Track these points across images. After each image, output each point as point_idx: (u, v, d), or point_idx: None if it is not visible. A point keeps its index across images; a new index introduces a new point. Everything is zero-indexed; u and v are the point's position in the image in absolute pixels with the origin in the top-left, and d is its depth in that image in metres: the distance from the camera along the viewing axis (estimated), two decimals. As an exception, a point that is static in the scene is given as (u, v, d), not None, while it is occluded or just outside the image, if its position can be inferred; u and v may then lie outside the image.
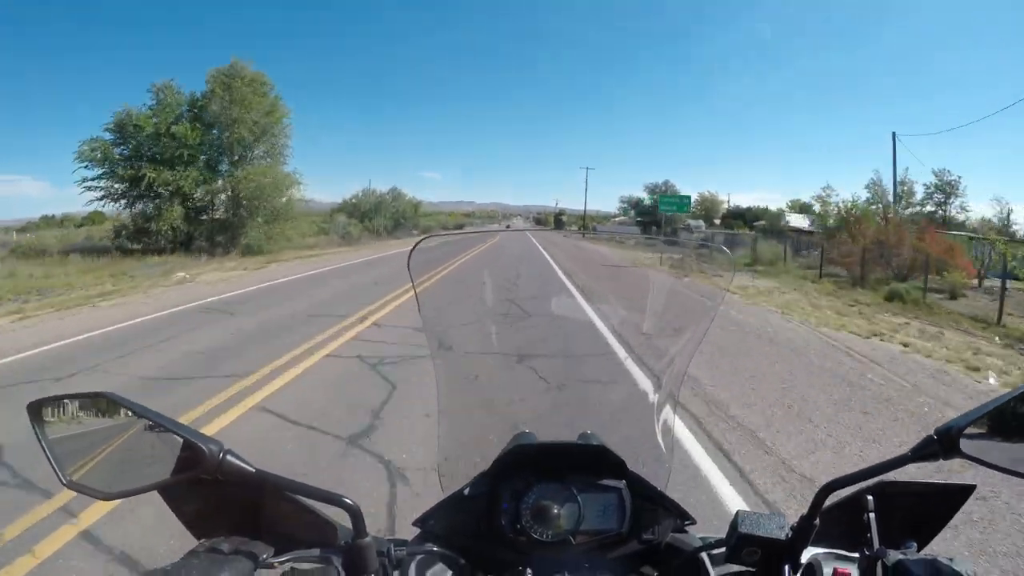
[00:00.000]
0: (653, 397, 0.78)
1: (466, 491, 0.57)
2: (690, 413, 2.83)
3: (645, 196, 38.25)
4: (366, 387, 3.13)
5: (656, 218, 29.46)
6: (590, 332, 1.36)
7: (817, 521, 0.44)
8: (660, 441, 0.74)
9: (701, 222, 36.19)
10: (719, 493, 1.99)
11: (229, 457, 0.40)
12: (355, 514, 0.41)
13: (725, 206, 39.74)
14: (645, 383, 0.84)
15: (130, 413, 0.42)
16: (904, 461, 0.43)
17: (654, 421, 0.75)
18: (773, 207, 35.55)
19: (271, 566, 0.40)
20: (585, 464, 0.58)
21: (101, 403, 0.43)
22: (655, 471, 0.64)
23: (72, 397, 0.44)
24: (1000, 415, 0.43)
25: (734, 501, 1.94)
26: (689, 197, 19.65)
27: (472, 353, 0.88)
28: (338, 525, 0.46)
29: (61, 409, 0.44)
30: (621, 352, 1.11)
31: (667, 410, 0.75)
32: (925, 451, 0.42)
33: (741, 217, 35.45)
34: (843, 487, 0.44)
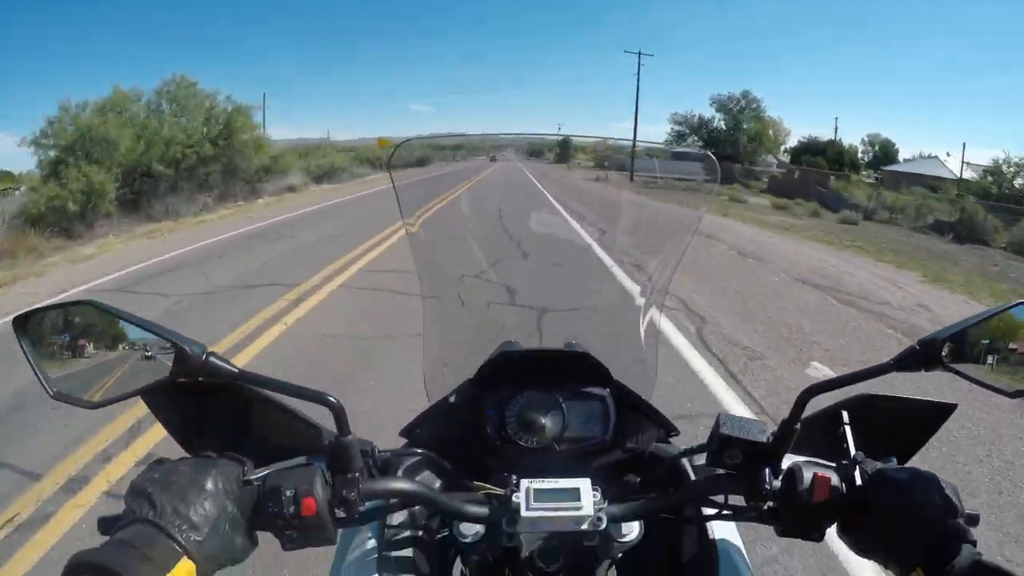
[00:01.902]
0: (638, 309, 0.84)
1: (451, 399, 0.63)
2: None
3: (714, 114, 30.55)
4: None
5: (735, 148, 27.08)
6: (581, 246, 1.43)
7: (798, 426, 0.49)
8: (645, 353, 0.80)
9: (771, 157, 30.93)
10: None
11: (212, 358, 0.43)
12: (338, 412, 0.44)
13: (789, 138, 33.00)
14: (630, 296, 0.91)
15: (115, 320, 0.45)
16: (886, 369, 0.47)
17: (639, 332, 0.81)
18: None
19: (255, 473, 0.44)
20: (570, 372, 0.64)
21: (85, 311, 0.46)
22: (640, 382, 0.70)
23: (56, 308, 0.47)
24: (982, 330, 0.47)
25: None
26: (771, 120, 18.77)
27: (458, 262, 0.94)
28: (323, 429, 0.51)
29: (45, 321, 0.47)
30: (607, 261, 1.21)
31: (652, 322, 0.82)
32: (907, 361, 0.46)
33: (820, 154, 28.51)
34: (824, 391, 0.48)
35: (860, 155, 32.82)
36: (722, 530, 0.59)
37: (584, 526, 0.48)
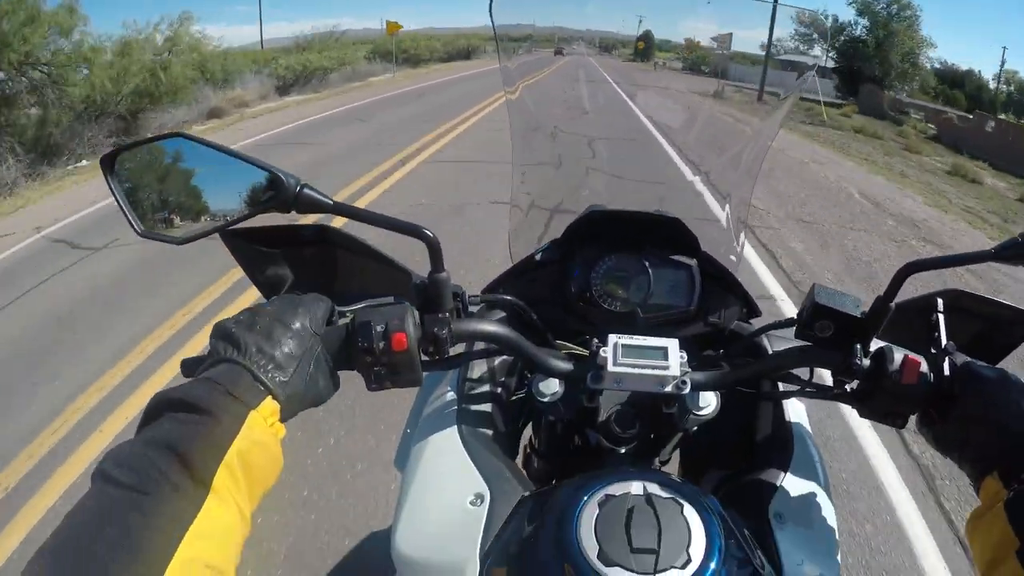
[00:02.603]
0: (725, 196, 0.83)
1: (537, 256, 0.65)
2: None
3: (855, 18, 22.90)
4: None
5: (884, 68, 20.92)
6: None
7: (893, 305, 0.46)
8: (732, 233, 0.79)
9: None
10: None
11: (306, 190, 0.42)
12: (434, 246, 0.44)
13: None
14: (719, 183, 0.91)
15: (206, 152, 0.44)
16: (985, 257, 0.44)
17: (726, 211, 0.81)
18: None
19: (344, 314, 0.45)
20: (659, 238, 0.63)
21: (176, 144, 0.46)
22: (726, 257, 0.70)
23: (146, 142, 0.47)
24: None
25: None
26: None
27: (554, 127, 0.93)
28: (413, 273, 0.51)
29: (135, 156, 0.48)
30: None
31: (739, 203, 0.80)
32: (1008, 252, 0.44)
33: (957, 87, 25.34)
34: (924, 269, 0.46)
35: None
36: (796, 413, 0.60)
37: (668, 388, 0.48)
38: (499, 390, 0.62)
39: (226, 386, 0.35)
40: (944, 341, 0.48)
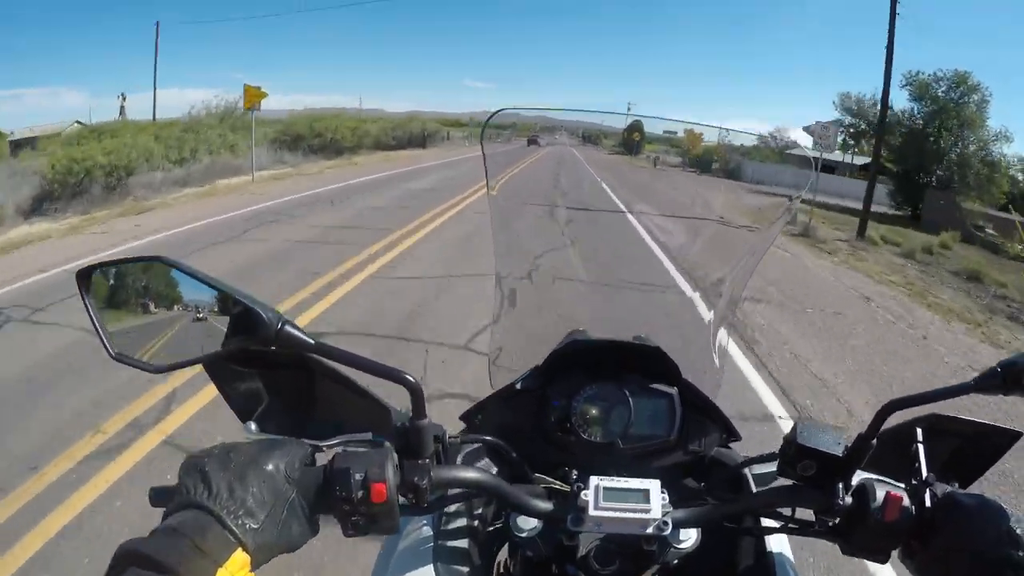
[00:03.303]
0: (708, 307, 1.10)
1: (518, 385, 0.86)
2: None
3: (909, 103, 23.66)
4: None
5: (954, 164, 21.58)
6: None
7: (875, 441, 0.66)
8: (713, 352, 1.04)
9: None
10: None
11: (287, 327, 0.57)
12: (416, 392, 0.59)
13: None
14: (700, 294, 1.20)
15: (186, 279, 0.59)
16: (967, 389, 0.65)
17: (708, 331, 1.06)
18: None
19: (321, 449, 0.59)
20: (639, 367, 0.86)
21: (155, 268, 0.62)
22: (706, 382, 0.93)
23: (124, 262, 0.63)
24: None
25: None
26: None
27: (535, 249, 1.26)
28: (392, 409, 0.69)
29: (112, 275, 0.63)
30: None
31: (722, 321, 1.06)
32: (988, 383, 0.65)
33: None
34: (905, 407, 0.67)
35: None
36: (778, 544, 0.78)
37: (649, 530, 0.65)
38: (476, 523, 0.79)
39: (193, 538, 0.44)
40: (924, 472, 0.67)
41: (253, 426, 0.65)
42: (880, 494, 0.64)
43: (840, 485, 0.67)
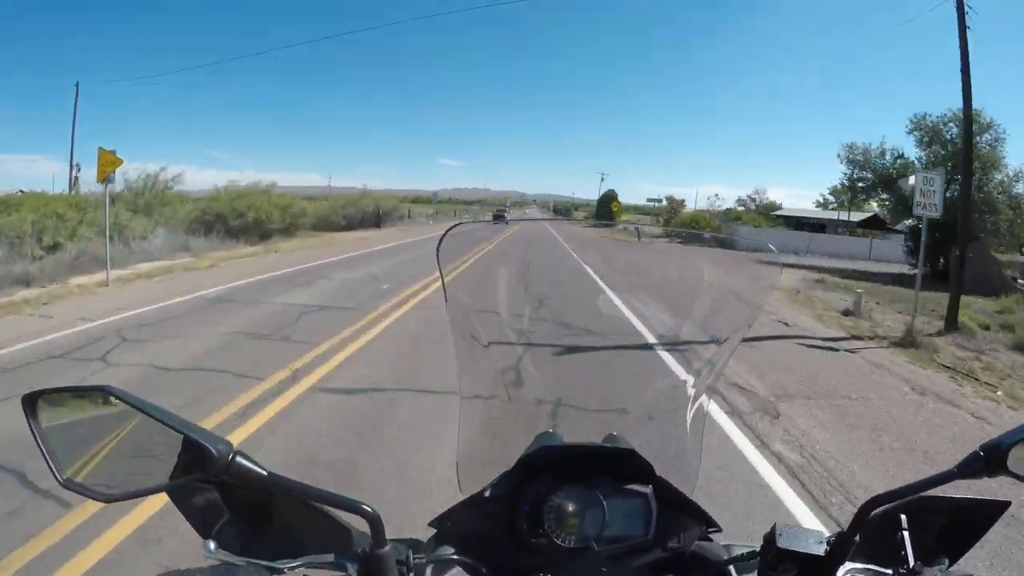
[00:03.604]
0: (684, 399, 1.20)
1: (487, 492, 0.94)
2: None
3: (918, 150, 25.52)
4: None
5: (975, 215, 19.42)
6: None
7: (858, 537, 0.76)
8: (689, 444, 1.15)
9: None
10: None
11: (239, 459, 0.66)
12: (374, 521, 0.68)
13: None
14: (676, 385, 1.31)
15: (133, 409, 0.68)
16: (950, 477, 0.76)
17: (684, 424, 1.17)
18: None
19: (281, 572, 0.67)
20: (611, 467, 0.95)
21: (102, 397, 0.71)
22: (682, 475, 1.03)
23: (71, 390, 0.73)
24: None
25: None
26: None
27: (499, 348, 1.37)
28: (353, 530, 0.78)
29: (59, 403, 0.72)
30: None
31: (698, 412, 1.17)
32: (971, 468, 0.76)
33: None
34: (887, 502, 0.78)
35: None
36: None
37: None
38: None
39: None
40: (911, 560, 0.76)
41: (212, 545, 0.70)
42: None
43: None
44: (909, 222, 25.75)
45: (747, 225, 47.13)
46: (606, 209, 72.43)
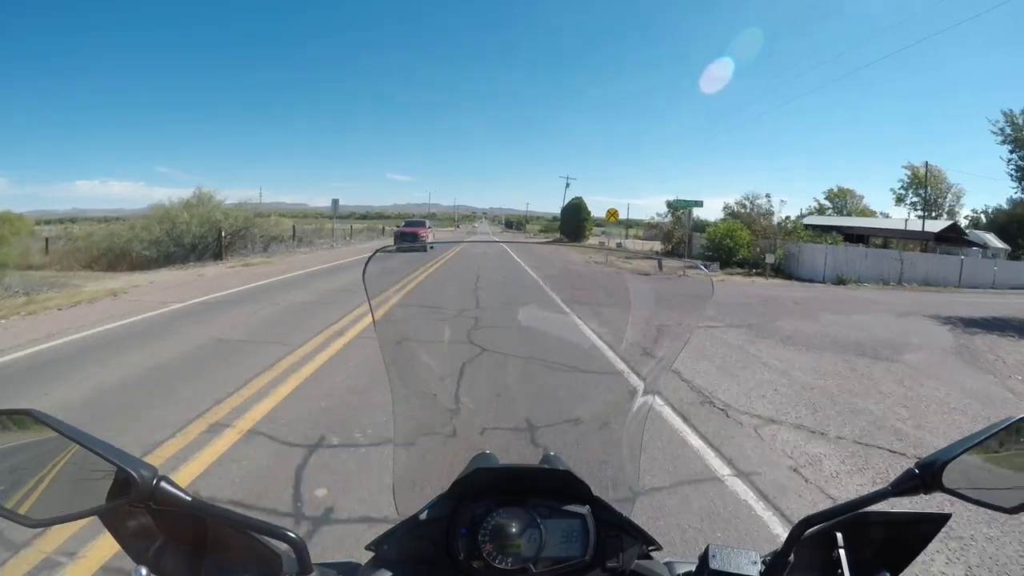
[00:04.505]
0: (621, 420, 1.35)
1: (422, 515, 1.04)
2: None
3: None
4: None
5: None
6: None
7: (791, 558, 0.88)
8: (627, 462, 1.28)
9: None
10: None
11: (163, 484, 0.75)
12: (299, 548, 0.80)
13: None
14: (614, 403, 1.50)
15: (58, 433, 0.76)
16: (885, 495, 0.88)
17: (621, 442, 1.31)
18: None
19: None
20: (548, 488, 1.06)
21: (26, 421, 0.79)
22: (621, 494, 1.16)
23: None
24: (982, 448, 0.90)
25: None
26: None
27: (432, 369, 1.52)
28: (283, 554, 0.88)
29: None
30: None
31: (635, 431, 1.32)
32: (906, 485, 0.87)
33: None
34: (820, 522, 0.90)
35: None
36: None
37: None
38: None
39: None
40: None
41: (143, 571, 0.79)
42: None
43: None
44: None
45: (808, 242, 33.35)
46: (574, 221, 67.16)
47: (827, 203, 69.89)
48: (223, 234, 27.28)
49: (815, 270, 29.63)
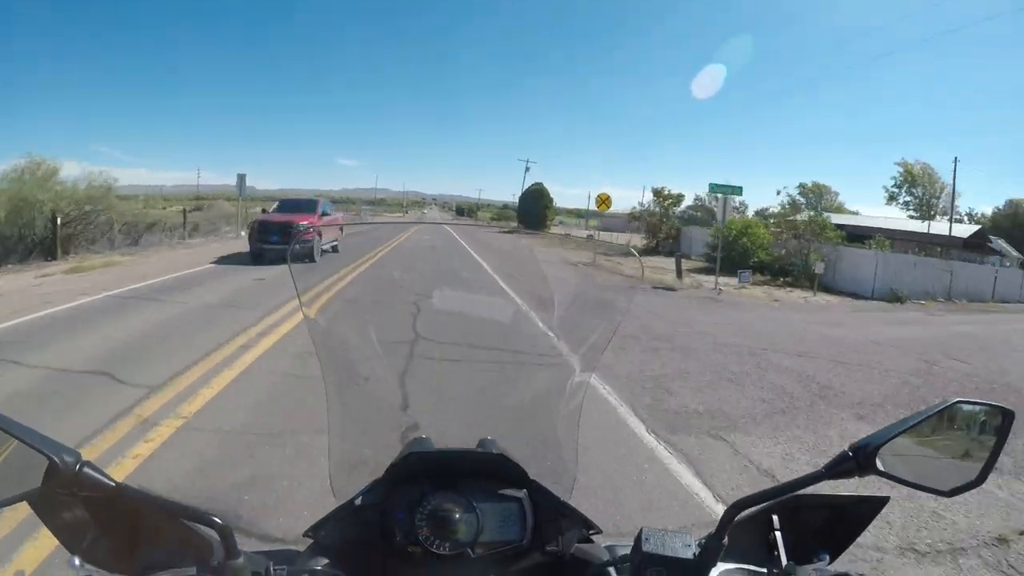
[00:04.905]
0: (557, 401, 1.41)
1: (358, 500, 1.08)
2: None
3: None
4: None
5: None
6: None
7: (725, 540, 0.93)
8: (563, 446, 1.34)
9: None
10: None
11: (86, 469, 0.78)
12: (224, 533, 0.83)
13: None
14: (550, 387, 1.55)
15: None
16: (818, 478, 0.92)
17: (557, 425, 1.37)
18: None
19: None
20: (484, 473, 1.11)
21: None
22: (559, 478, 1.21)
23: None
24: (917, 431, 0.96)
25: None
26: None
27: (363, 353, 1.57)
28: (214, 541, 0.91)
29: None
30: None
31: (571, 414, 1.37)
32: (840, 468, 0.92)
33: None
34: (752, 505, 0.95)
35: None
36: None
37: None
38: None
39: None
40: (784, 560, 0.93)
41: (76, 560, 0.83)
42: None
43: None
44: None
45: (838, 244, 28.66)
46: (535, 209, 62.14)
47: (800, 199, 66.95)
48: (59, 222, 19.91)
49: (858, 282, 25.86)
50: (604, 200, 33.14)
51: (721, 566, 0.96)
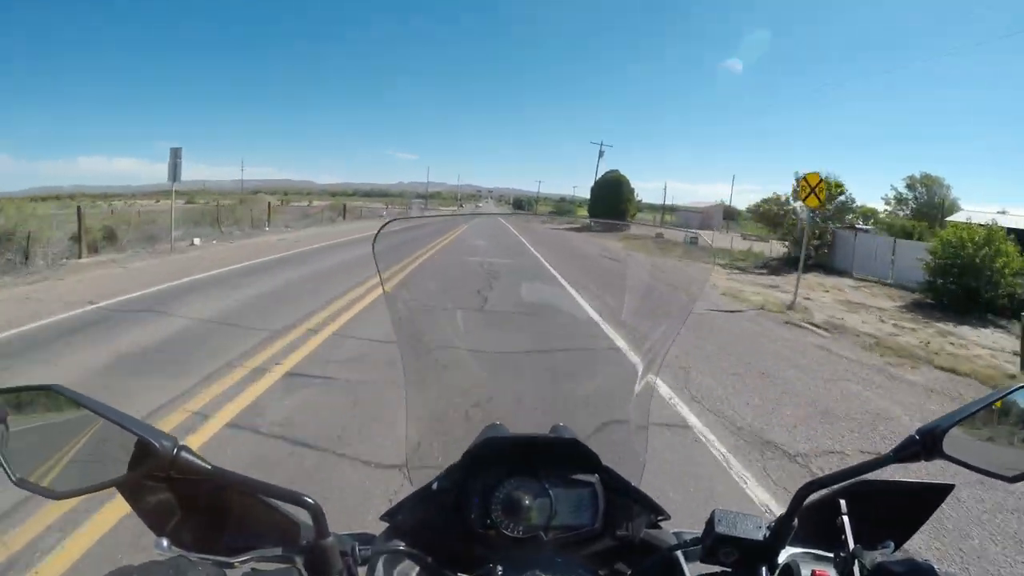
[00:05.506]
0: (630, 388, 1.45)
1: (434, 485, 1.14)
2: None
3: None
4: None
5: None
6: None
7: (795, 522, 0.96)
8: (634, 433, 1.40)
9: None
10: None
11: (183, 453, 0.82)
12: (316, 513, 0.86)
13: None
14: (622, 373, 1.58)
15: (80, 407, 0.84)
16: (886, 461, 0.94)
17: (628, 413, 1.42)
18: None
19: (232, 566, 0.85)
20: (557, 458, 1.15)
21: (48, 396, 0.86)
22: (629, 464, 1.24)
23: (18, 390, 0.88)
24: (983, 416, 0.97)
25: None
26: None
27: (444, 343, 1.63)
28: (301, 522, 0.98)
29: (5, 402, 0.86)
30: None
31: (642, 403, 1.42)
32: (907, 451, 0.94)
33: None
34: (823, 487, 0.97)
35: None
36: None
37: None
38: None
39: None
40: (851, 544, 0.93)
41: (165, 542, 0.87)
42: (806, 572, 0.94)
43: (765, 568, 0.98)
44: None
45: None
46: (611, 201, 52.92)
47: (906, 192, 58.48)
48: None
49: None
50: (816, 184, 16.12)
51: (790, 549, 0.99)
